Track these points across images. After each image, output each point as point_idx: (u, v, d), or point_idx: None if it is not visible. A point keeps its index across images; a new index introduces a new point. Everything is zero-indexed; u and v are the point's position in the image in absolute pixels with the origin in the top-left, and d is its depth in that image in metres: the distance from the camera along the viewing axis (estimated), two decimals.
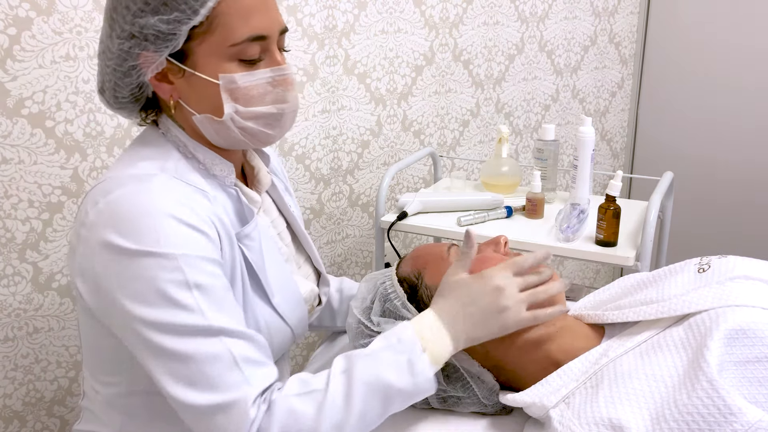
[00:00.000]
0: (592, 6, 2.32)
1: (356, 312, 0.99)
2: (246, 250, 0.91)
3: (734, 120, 2.34)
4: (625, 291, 1.00)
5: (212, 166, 0.92)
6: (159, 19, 0.82)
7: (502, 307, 0.85)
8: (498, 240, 0.98)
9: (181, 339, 0.78)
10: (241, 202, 0.92)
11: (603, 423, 0.75)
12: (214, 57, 0.85)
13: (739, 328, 0.77)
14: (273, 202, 1.08)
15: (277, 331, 0.97)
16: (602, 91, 2.45)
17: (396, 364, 0.82)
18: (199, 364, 0.78)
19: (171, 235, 0.79)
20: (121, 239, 0.78)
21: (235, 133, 0.88)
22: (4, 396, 1.48)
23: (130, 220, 0.79)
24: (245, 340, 0.81)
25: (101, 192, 0.83)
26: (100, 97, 0.94)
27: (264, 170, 1.02)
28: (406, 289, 0.96)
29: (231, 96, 0.86)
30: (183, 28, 0.82)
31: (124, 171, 0.86)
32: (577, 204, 1.52)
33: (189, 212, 0.81)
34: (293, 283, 1.02)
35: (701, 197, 2.44)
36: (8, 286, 1.42)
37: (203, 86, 0.86)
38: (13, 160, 1.36)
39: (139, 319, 0.78)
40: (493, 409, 0.94)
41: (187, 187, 0.86)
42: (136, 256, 0.78)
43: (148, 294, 0.78)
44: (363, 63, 1.87)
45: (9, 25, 1.30)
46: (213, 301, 0.80)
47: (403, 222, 1.59)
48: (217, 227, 0.85)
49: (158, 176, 0.85)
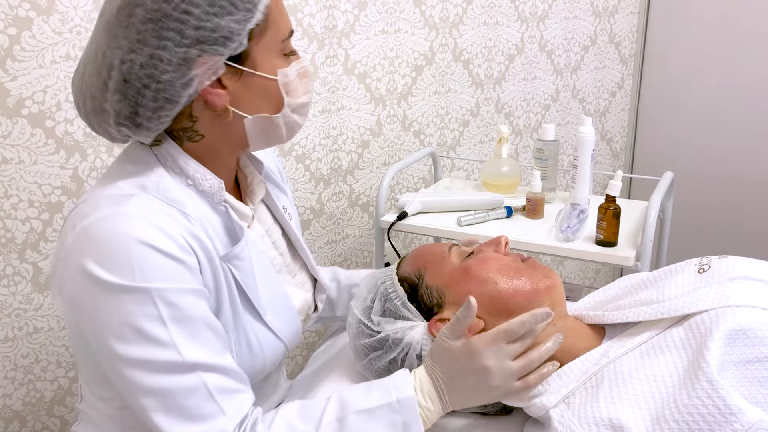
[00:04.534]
0: (592, 6, 2.32)
1: (356, 312, 0.99)
2: (235, 271, 0.88)
3: (734, 120, 2.34)
4: (625, 291, 1.00)
5: (202, 181, 0.88)
6: (229, 20, 0.80)
7: (490, 387, 0.83)
8: (498, 240, 0.98)
9: (156, 375, 0.77)
10: (231, 219, 0.89)
11: (603, 423, 0.75)
12: (270, 54, 0.86)
13: (739, 328, 0.77)
14: (268, 210, 1.05)
15: (270, 347, 0.95)
16: (602, 91, 2.45)
17: (392, 424, 0.82)
18: (176, 398, 0.78)
19: (145, 266, 0.77)
20: (97, 268, 0.76)
21: (281, 129, 0.90)
22: (4, 396, 1.48)
23: (105, 248, 0.77)
24: (219, 371, 0.81)
25: (79, 215, 0.81)
26: (124, 130, 0.84)
27: (257, 179, 1.01)
28: (406, 288, 0.96)
29: (285, 90, 0.88)
30: (248, 27, 0.81)
31: (103, 191, 0.83)
32: (577, 204, 1.52)
33: (165, 239, 0.78)
34: (286, 297, 1.00)
35: (701, 197, 2.44)
36: (8, 286, 1.42)
37: (261, 85, 0.86)
38: (13, 160, 1.36)
39: (114, 352, 0.77)
40: (493, 409, 0.94)
41: (166, 207, 0.82)
42: (112, 290, 0.76)
43: (123, 329, 0.77)
44: (363, 63, 1.87)
45: (9, 25, 1.30)
46: (188, 335, 0.79)
47: (403, 222, 1.59)
48: (196, 252, 0.82)
49: (136, 197, 0.81)
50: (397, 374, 0.86)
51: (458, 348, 0.84)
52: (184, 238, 0.81)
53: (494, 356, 0.82)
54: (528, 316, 0.82)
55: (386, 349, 0.93)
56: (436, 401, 0.84)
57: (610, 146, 2.55)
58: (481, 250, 0.98)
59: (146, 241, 0.77)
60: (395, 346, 0.93)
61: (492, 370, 0.82)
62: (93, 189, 0.86)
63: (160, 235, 0.78)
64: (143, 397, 0.78)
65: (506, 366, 0.82)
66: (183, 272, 0.80)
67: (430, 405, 0.84)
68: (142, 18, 0.78)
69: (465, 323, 0.84)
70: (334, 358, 1.14)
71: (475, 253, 0.97)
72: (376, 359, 0.95)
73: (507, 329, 0.82)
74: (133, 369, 0.77)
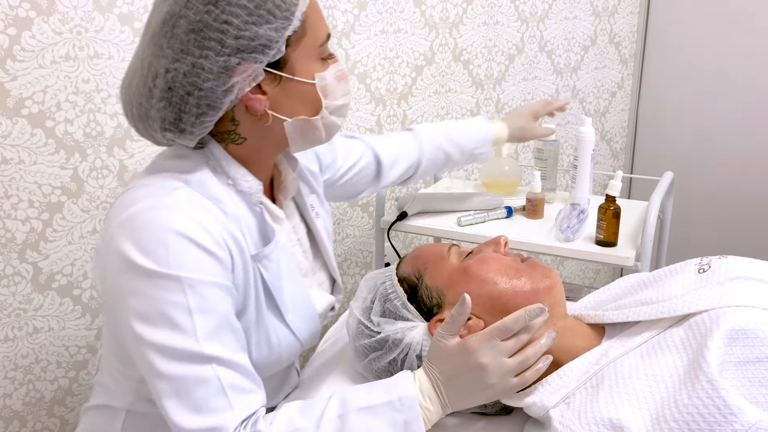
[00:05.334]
0: (592, 6, 2.32)
1: (356, 312, 0.99)
2: (263, 270, 0.92)
3: (734, 120, 2.34)
4: (625, 291, 1.00)
5: (242, 182, 0.92)
6: (268, 28, 0.82)
7: (487, 385, 0.83)
8: (498, 240, 0.98)
9: (173, 362, 0.80)
10: (264, 221, 0.93)
11: (603, 423, 0.75)
12: (308, 59, 0.88)
13: (740, 328, 0.77)
14: (296, 207, 1.08)
15: (287, 345, 0.98)
16: (602, 91, 2.45)
17: (392, 422, 0.82)
18: (188, 387, 0.80)
19: (180, 256, 0.80)
20: (136, 253, 0.80)
21: (320, 130, 0.92)
22: (4, 396, 1.48)
23: (146, 236, 0.81)
24: (235, 369, 0.83)
25: (126, 202, 0.85)
26: (169, 135, 0.88)
27: (291, 176, 1.04)
28: (406, 289, 0.96)
29: (323, 93, 0.90)
30: (285, 34, 0.84)
31: (151, 180, 0.88)
32: (577, 204, 1.52)
33: (203, 233, 0.82)
34: (308, 299, 1.03)
35: (701, 197, 2.44)
36: (8, 286, 1.42)
37: (299, 89, 0.89)
38: (13, 160, 1.36)
39: (139, 334, 0.81)
40: (493, 409, 0.94)
41: (207, 203, 0.86)
42: (146, 274, 0.80)
43: (151, 313, 0.80)
44: (363, 63, 1.87)
45: (9, 25, 1.30)
46: (210, 328, 0.82)
47: (403, 222, 1.59)
48: (230, 249, 0.86)
49: (180, 190, 0.85)
50: (398, 374, 0.87)
51: (454, 347, 0.84)
52: (221, 234, 0.85)
53: (489, 353, 0.82)
54: (521, 313, 0.83)
55: (386, 349, 0.93)
56: (435, 401, 0.84)
57: (610, 146, 2.55)
58: (480, 250, 0.98)
59: (184, 233, 0.81)
60: (395, 347, 0.93)
61: (488, 368, 0.82)
62: (140, 178, 0.90)
63: (198, 228, 0.82)
64: (158, 381, 0.81)
65: (502, 363, 0.82)
66: (215, 267, 0.83)
67: (430, 405, 0.84)
68: (185, 29, 0.82)
69: (460, 321, 0.84)
70: (334, 358, 1.14)
71: (475, 253, 0.97)
72: (376, 360, 0.95)
73: (500, 326, 0.83)
74: (153, 352, 0.80)
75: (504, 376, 0.82)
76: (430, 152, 1.38)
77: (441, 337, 0.85)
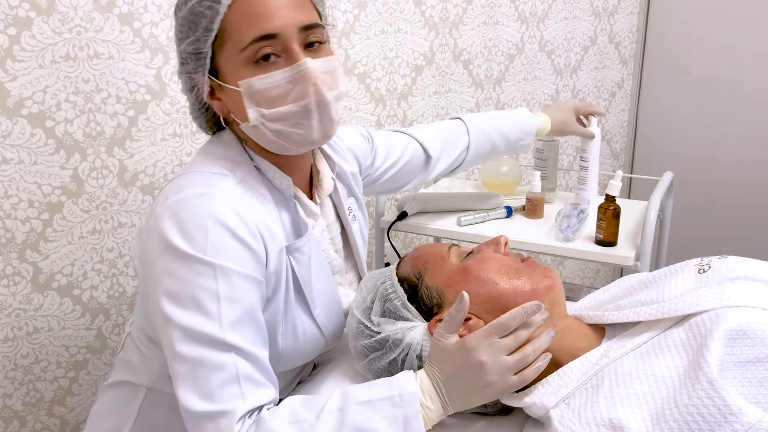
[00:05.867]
0: (592, 6, 2.32)
1: (356, 312, 0.99)
2: (294, 263, 0.95)
3: (734, 120, 2.34)
4: (625, 291, 1.00)
5: (272, 178, 0.97)
6: (187, 43, 0.91)
7: (486, 383, 0.83)
8: (498, 240, 0.98)
9: (195, 345, 0.83)
10: (298, 215, 0.97)
11: (603, 423, 0.75)
12: (233, 66, 0.89)
13: (740, 328, 0.77)
14: (333, 207, 1.11)
15: (312, 339, 1.01)
16: (602, 91, 2.45)
17: (392, 417, 0.82)
18: (205, 371, 0.82)
19: (218, 244, 0.84)
20: (177, 236, 0.85)
21: (270, 137, 0.92)
22: (4, 396, 1.48)
23: (188, 221, 0.85)
24: (252, 361, 0.85)
25: (173, 189, 0.90)
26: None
27: (328, 176, 1.06)
28: (406, 289, 0.96)
29: (252, 100, 0.89)
30: (205, 46, 0.89)
31: (200, 167, 0.94)
32: (577, 204, 1.52)
33: (241, 224, 0.87)
34: (336, 295, 1.06)
35: (701, 197, 2.44)
36: (8, 286, 1.42)
37: (233, 96, 0.91)
38: (13, 160, 1.36)
39: (167, 313, 0.84)
40: (493, 409, 0.94)
41: (249, 193, 0.92)
42: (183, 258, 0.84)
43: (182, 294, 0.84)
44: (363, 63, 1.87)
45: (9, 25, 1.30)
46: (235, 317, 0.84)
47: (403, 222, 1.59)
48: (265, 241, 0.90)
49: (226, 179, 0.91)
50: (400, 373, 0.88)
51: (453, 346, 0.85)
52: (257, 226, 0.89)
53: (488, 351, 0.83)
54: (518, 310, 0.83)
55: (386, 349, 0.93)
56: (436, 400, 0.85)
57: (610, 146, 2.55)
58: (480, 250, 0.98)
59: (225, 222, 0.86)
60: (395, 347, 0.93)
61: (487, 365, 0.82)
62: (189, 165, 0.97)
63: (237, 219, 0.87)
64: (177, 362, 0.83)
65: (501, 361, 0.83)
66: (249, 258, 0.87)
67: (431, 404, 0.84)
68: None
69: (458, 319, 0.85)
70: (334, 358, 1.14)
71: (475, 253, 0.97)
72: (376, 360, 0.95)
73: (497, 324, 0.83)
74: (177, 332, 0.83)
75: (503, 373, 0.83)
76: (477, 143, 1.39)
77: (440, 336, 0.86)
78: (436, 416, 0.85)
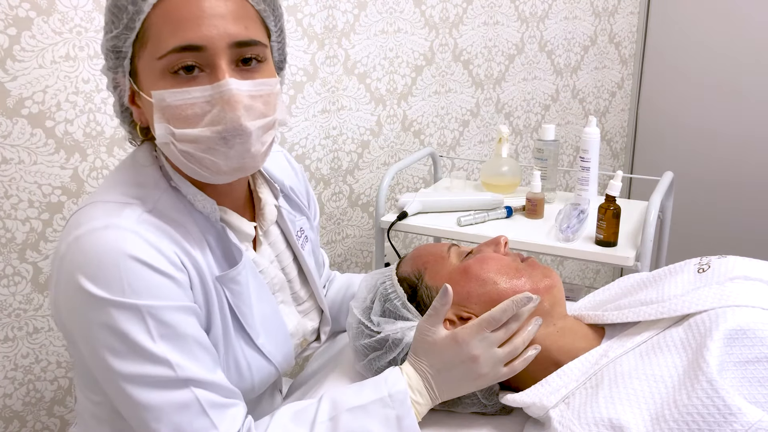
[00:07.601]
0: (592, 6, 2.32)
1: (356, 312, 0.99)
2: (229, 294, 0.86)
3: (734, 120, 2.34)
4: (624, 291, 1.00)
5: (194, 200, 0.85)
6: (108, 38, 0.80)
7: (478, 375, 0.84)
8: (498, 240, 0.98)
9: (149, 390, 0.77)
10: (228, 240, 0.87)
11: (603, 423, 0.75)
12: (150, 72, 0.78)
13: (739, 328, 0.77)
14: (282, 234, 1.01)
15: (259, 369, 0.93)
16: (602, 91, 2.45)
17: (385, 418, 0.82)
18: (170, 413, 0.77)
19: (135, 282, 0.75)
20: (88, 283, 0.75)
21: (181, 159, 0.79)
22: (4, 396, 1.48)
23: (96, 262, 0.75)
24: (212, 388, 0.80)
25: (75, 223, 0.80)
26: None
27: (271, 204, 0.96)
28: (406, 289, 0.96)
29: (163, 115, 0.78)
30: (124, 44, 0.79)
31: (102, 197, 0.82)
32: (577, 204, 1.52)
33: (155, 254, 0.77)
34: (280, 320, 0.97)
35: (701, 197, 2.44)
36: (8, 286, 1.42)
37: (148, 106, 0.80)
38: (13, 160, 1.36)
39: (109, 366, 0.77)
40: (493, 409, 0.94)
41: (161, 221, 0.81)
42: (103, 305, 0.75)
43: (116, 344, 0.76)
44: (363, 63, 1.87)
45: (9, 25, 1.30)
46: (180, 351, 0.78)
47: (403, 222, 1.59)
48: (188, 269, 0.81)
49: (131, 207, 0.80)
50: (386, 372, 0.88)
51: (443, 340, 0.85)
52: (176, 254, 0.80)
53: (481, 345, 0.83)
54: (508, 303, 0.84)
55: (386, 349, 0.93)
56: (424, 394, 0.86)
57: (610, 146, 2.55)
58: (480, 250, 0.98)
59: (136, 256, 0.76)
60: (395, 347, 0.93)
61: (480, 359, 0.83)
62: (93, 193, 0.85)
63: (150, 250, 0.77)
64: (139, 411, 0.77)
65: (493, 353, 0.84)
66: (173, 289, 0.79)
67: (419, 398, 0.85)
68: None
69: (442, 312, 0.86)
70: (334, 358, 1.14)
71: (475, 252, 0.97)
72: (376, 359, 0.95)
73: (489, 318, 0.84)
74: (127, 383, 0.77)
75: (495, 365, 0.84)
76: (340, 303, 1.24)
77: (426, 330, 0.86)
78: (425, 409, 0.86)
